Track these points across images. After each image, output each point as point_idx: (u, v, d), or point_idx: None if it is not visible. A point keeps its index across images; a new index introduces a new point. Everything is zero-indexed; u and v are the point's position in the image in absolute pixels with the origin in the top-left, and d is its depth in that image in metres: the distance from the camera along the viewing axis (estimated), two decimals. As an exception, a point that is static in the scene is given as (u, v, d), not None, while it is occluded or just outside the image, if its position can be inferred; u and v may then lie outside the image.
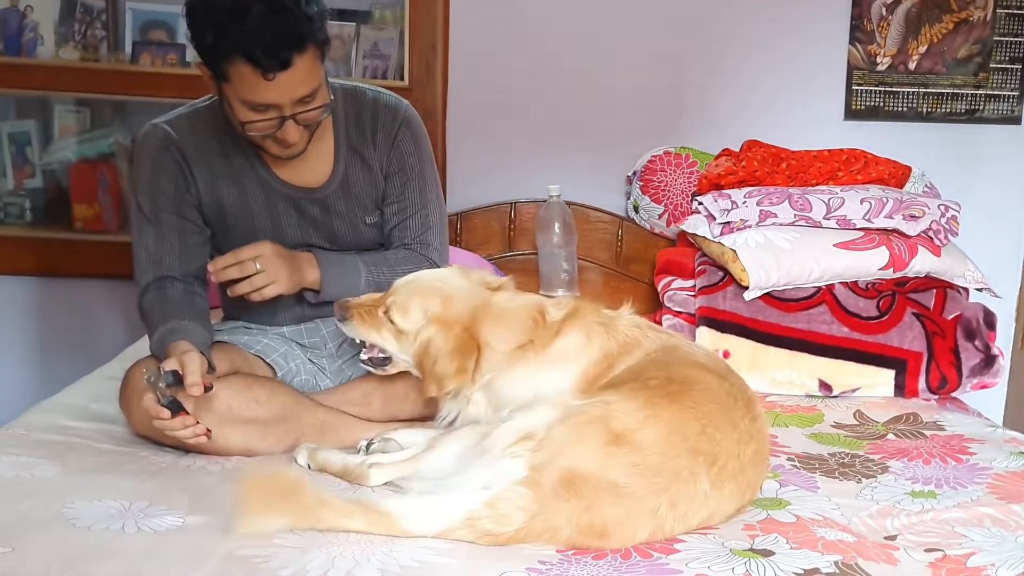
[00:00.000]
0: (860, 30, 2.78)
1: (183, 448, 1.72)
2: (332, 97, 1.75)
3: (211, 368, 1.67)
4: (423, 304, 1.65)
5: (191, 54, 2.76)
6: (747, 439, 1.48)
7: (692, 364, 1.57)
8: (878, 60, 2.79)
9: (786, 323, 2.25)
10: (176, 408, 1.57)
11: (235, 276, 1.73)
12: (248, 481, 1.40)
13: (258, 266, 1.72)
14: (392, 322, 1.66)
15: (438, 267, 1.90)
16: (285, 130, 1.70)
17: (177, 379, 1.58)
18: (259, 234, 1.87)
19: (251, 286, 1.73)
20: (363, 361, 1.75)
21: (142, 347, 2.01)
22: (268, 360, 1.88)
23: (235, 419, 1.71)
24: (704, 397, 1.48)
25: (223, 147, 1.85)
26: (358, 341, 1.74)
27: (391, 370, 1.74)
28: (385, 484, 1.57)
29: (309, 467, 1.66)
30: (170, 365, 1.59)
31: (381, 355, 1.72)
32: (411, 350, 1.66)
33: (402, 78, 2.75)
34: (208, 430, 1.62)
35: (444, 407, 1.68)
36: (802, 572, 1.32)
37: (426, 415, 1.85)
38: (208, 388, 1.61)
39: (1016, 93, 2.82)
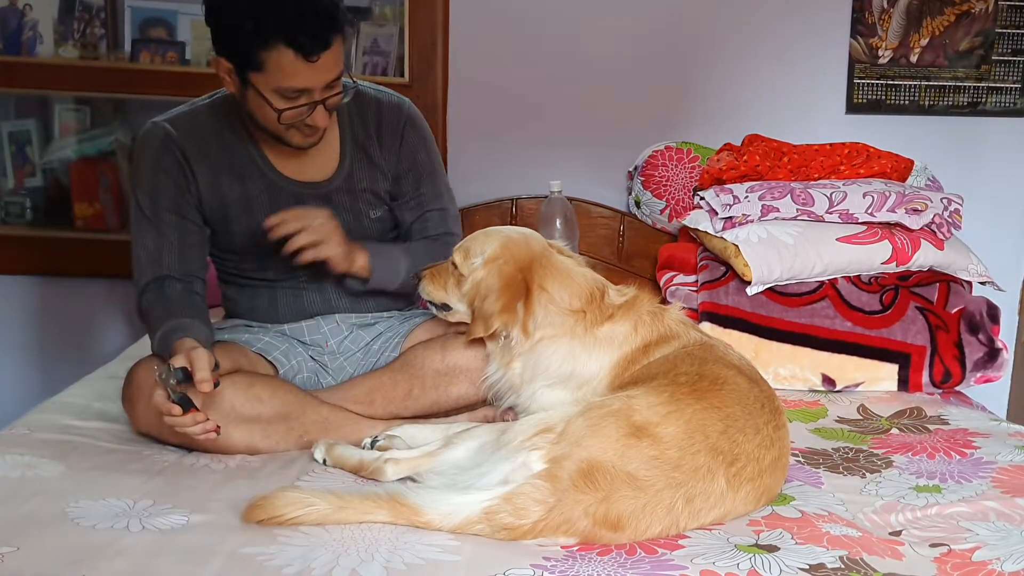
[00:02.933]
0: (861, 23, 2.77)
1: (186, 447, 1.72)
2: (353, 80, 1.79)
3: (216, 365, 1.67)
4: (483, 246, 1.70)
5: (191, 52, 2.76)
6: (768, 445, 1.49)
7: (726, 364, 1.58)
8: (880, 53, 2.78)
9: (789, 318, 2.25)
10: (187, 405, 1.57)
11: (287, 231, 1.74)
12: (263, 500, 1.40)
13: (313, 222, 1.75)
14: (455, 267, 1.71)
15: None
16: (315, 115, 1.73)
17: (187, 376, 1.58)
18: (261, 231, 1.87)
19: (308, 236, 1.74)
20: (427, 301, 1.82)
21: (144, 346, 2.01)
22: (269, 358, 1.88)
23: (238, 417, 1.71)
24: (731, 398, 1.49)
25: (225, 144, 1.85)
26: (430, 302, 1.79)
27: (450, 317, 1.79)
28: (400, 480, 1.57)
29: (325, 462, 1.67)
30: (179, 362, 1.59)
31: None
32: (467, 291, 1.70)
33: (402, 75, 2.75)
34: (217, 426, 1.62)
35: (491, 364, 1.72)
36: (807, 567, 1.32)
37: (429, 414, 1.85)
38: (215, 384, 1.61)
39: (1018, 85, 2.81)
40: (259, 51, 1.64)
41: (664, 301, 1.76)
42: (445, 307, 1.78)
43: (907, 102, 2.81)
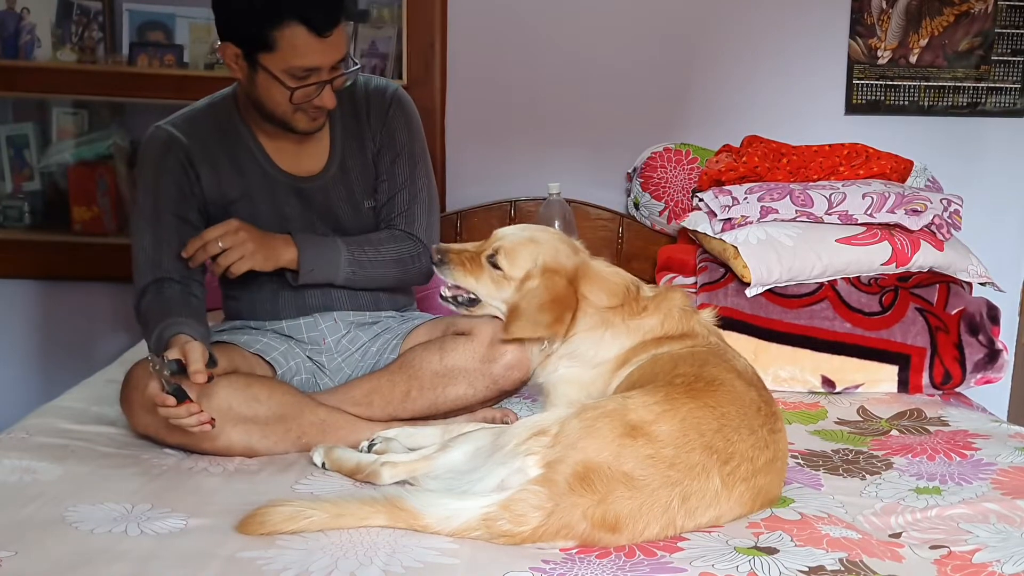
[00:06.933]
0: (860, 24, 2.77)
1: (185, 448, 1.72)
2: (357, 63, 1.82)
3: (213, 361, 1.67)
4: (533, 253, 1.71)
5: (189, 55, 2.76)
6: (763, 446, 1.48)
7: (727, 368, 1.58)
8: (879, 54, 2.78)
9: (788, 319, 2.25)
10: (181, 396, 1.58)
11: (202, 259, 1.77)
12: (259, 516, 1.39)
13: (220, 244, 1.75)
14: (497, 268, 1.72)
15: (424, 245, 1.93)
16: (323, 96, 1.77)
17: (181, 368, 1.58)
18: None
19: (219, 265, 1.76)
20: (444, 297, 1.78)
21: (142, 350, 2.01)
22: (267, 359, 1.88)
23: (236, 417, 1.71)
24: (726, 399, 1.49)
25: (225, 140, 1.88)
26: (449, 285, 1.78)
27: (476, 312, 1.79)
28: (397, 483, 1.56)
29: (324, 466, 1.66)
30: (174, 354, 1.59)
31: (468, 296, 1.76)
32: (511, 296, 1.71)
33: (400, 76, 2.75)
34: (212, 418, 1.61)
35: (534, 372, 1.75)
36: (807, 570, 1.31)
37: (427, 415, 1.85)
38: (209, 379, 1.61)
39: (1018, 86, 2.80)
40: (272, 30, 1.68)
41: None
42: (471, 301, 1.77)
43: (906, 102, 2.81)
